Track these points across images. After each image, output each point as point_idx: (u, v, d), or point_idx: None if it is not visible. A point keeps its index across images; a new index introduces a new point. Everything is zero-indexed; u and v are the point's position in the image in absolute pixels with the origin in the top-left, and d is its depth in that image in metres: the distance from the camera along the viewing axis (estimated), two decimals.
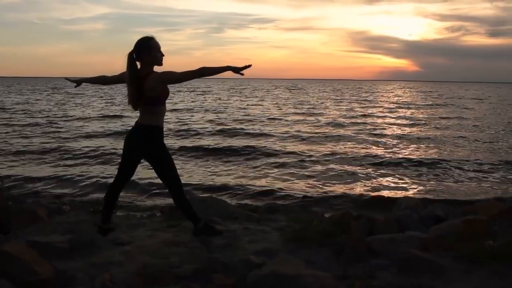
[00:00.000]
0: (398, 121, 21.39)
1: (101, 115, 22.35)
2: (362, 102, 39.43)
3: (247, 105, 33.19)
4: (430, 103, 38.58)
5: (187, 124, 18.87)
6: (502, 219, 4.21)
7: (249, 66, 3.45)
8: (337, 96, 50.73)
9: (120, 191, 3.87)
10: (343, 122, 20.23)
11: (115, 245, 3.56)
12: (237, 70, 3.43)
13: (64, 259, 3.20)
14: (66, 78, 4.05)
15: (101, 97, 42.54)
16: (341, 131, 16.54)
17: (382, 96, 54.06)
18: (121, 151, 3.80)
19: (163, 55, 3.64)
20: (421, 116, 24.76)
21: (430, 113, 26.87)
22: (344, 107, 31.41)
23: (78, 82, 4.00)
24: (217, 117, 21.29)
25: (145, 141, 3.62)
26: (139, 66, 3.61)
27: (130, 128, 3.83)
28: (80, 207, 4.84)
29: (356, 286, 2.88)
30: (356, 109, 29.60)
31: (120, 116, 21.78)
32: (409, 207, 4.71)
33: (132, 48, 3.57)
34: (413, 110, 29.59)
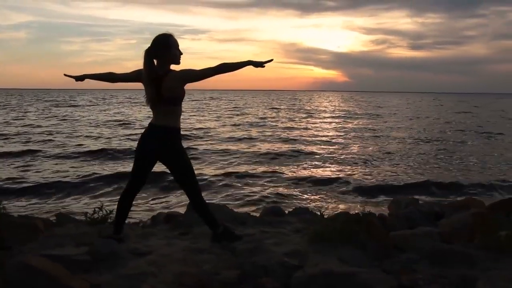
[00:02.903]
0: (353, 134, 21.12)
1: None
2: (310, 113, 39.65)
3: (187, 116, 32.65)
4: (379, 112, 40.06)
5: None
6: (498, 212, 4.47)
7: (271, 60, 3.40)
8: (275, 106, 51.19)
9: (133, 197, 3.63)
10: (300, 136, 19.69)
11: (136, 255, 3.31)
12: (259, 64, 3.35)
13: (90, 272, 2.92)
14: (66, 75, 3.72)
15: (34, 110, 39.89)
16: (301, 147, 16.06)
17: (325, 106, 54.94)
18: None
19: (181, 54, 3.48)
20: (371, 126, 25.12)
21: (380, 123, 27.65)
22: (292, 119, 31.29)
23: (81, 78, 3.65)
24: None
25: (163, 143, 3.43)
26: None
27: (143, 130, 3.59)
28: (72, 219, 4.46)
29: (404, 280, 2.90)
30: (305, 121, 29.53)
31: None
32: (411, 205, 4.85)
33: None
34: (364, 121, 30.05)
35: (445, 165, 12.22)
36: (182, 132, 3.56)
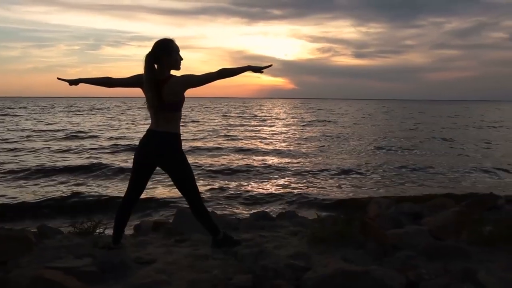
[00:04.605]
0: (312, 143, 20.51)
1: None
2: (264, 120, 39.39)
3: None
4: (331, 119, 40.46)
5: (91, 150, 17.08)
6: (475, 210, 4.76)
7: (270, 65, 3.44)
8: (226, 114, 50.89)
9: (133, 206, 3.54)
10: (257, 146, 18.83)
11: (141, 264, 3.24)
12: (258, 69, 3.38)
13: (99, 283, 2.83)
14: (59, 78, 3.58)
15: None
16: (260, 158, 15.36)
17: (277, 114, 54.69)
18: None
19: (182, 59, 3.46)
20: (329, 133, 24.98)
21: (336, 130, 27.50)
22: (247, 127, 30.39)
23: (75, 82, 3.52)
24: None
25: (165, 149, 3.38)
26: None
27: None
28: (57, 231, 4.26)
29: (410, 276, 3.03)
30: (260, 130, 28.70)
31: None
32: (392, 205, 5.05)
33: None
34: (319, 128, 29.88)
35: (404, 173, 12.24)
36: (136, 143, 3.50)
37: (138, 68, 3.43)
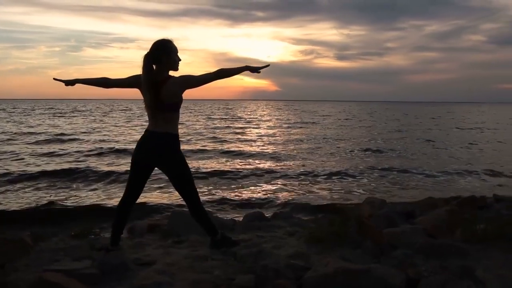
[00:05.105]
0: (301, 145, 20.16)
1: None
2: (250, 122, 39.04)
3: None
4: (315, 120, 40.49)
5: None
6: (466, 209, 4.85)
7: (268, 65, 3.46)
8: (211, 116, 50.66)
9: (131, 208, 3.51)
10: (243, 149, 18.41)
11: (141, 265, 3.22)
12: (256, 69, 3.39)
13: (101, 285, 2.80)
14: (55, 79, 3.54)
15: None
16: (248, 161, 15.07)
17: (261, 116, 54.35)
18: None
19: (180, 60, 3.45)
20: (314, 136, 24.79)
21: (322, 132, 27.43)
22: (234, 129, 29.95)
23: (71, 82, 3.48)
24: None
25: (163, 150, 3.37)
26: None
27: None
28: (51, 233, 4.20)
29: (410, 273, 3.08)
30: (247, 132, 28.28)
31: None
32: (384, 206, 5.10)
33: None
34: (305, 130, 29.66)
35: (391, 175, 12.10)
36: (120, 146, 3.50)
37: (120, 70, 3.41)
